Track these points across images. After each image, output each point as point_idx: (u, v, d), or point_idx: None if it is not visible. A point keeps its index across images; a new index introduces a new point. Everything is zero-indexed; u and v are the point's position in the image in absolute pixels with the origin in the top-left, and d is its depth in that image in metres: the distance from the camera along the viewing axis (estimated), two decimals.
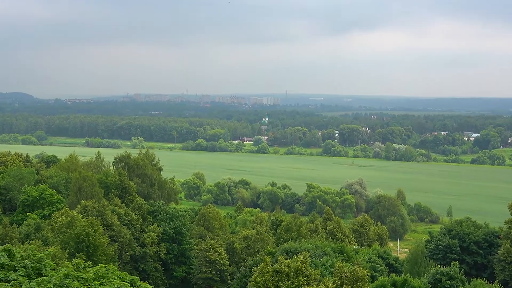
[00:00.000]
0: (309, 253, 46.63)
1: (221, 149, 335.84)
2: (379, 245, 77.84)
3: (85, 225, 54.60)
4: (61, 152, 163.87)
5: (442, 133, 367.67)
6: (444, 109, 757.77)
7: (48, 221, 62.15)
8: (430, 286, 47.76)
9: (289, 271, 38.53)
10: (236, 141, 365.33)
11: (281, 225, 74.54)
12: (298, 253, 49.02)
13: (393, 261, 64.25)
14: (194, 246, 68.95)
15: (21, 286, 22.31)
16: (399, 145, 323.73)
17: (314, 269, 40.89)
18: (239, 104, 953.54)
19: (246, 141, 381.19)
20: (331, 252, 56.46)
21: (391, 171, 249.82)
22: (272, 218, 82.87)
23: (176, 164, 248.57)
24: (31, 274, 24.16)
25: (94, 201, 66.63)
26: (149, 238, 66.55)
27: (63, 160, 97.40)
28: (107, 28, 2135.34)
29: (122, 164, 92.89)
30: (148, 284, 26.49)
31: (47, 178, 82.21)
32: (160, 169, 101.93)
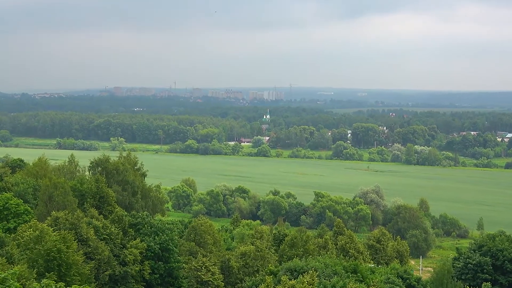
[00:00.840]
0: (317, 273, 46.62)
1: (215, 151, 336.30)
2: (399, 263, 77.74)
3: (56, 240, 54.48)
4: (29, 155, 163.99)
5: (472, 133, 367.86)
6: (474, 105, 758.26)
7: (13, 235, 62.11)
8: None
9: None
10: (233, 143, 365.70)
11: (284, 240, 74.54)
12: (304, 272, 48.96)
13: (414, 282, 64.13)
14: (184, 265, 68.83)
15: None
16: (422, 147, 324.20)
17: None
18: (235, 100, 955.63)
19: (244, 142, 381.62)
20: (343, 271, 56.36)
21: (413, 177, 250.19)
22: (274, 232, 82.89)
23: (162, 169, 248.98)
24: None
25: (66, 212, 66.58)
26: (130, 255, 66.42)
27: (31, 164, 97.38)
28: (82, 12, 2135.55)
29: (100, 169, 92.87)
30: None
31: (12, 186, 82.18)
32: (144, 175, 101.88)
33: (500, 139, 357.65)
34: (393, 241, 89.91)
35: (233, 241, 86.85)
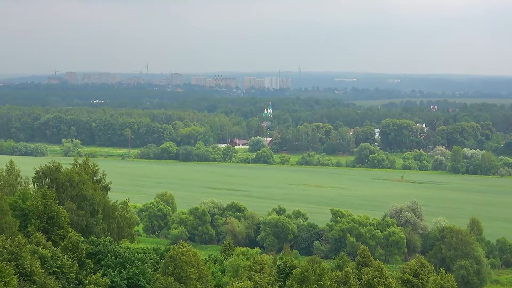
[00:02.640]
0: None
1: (200, 157, 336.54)
2: None
3: None
4: None
5: None
6: None
7: None
8: None
9: None
10: (223, 145, 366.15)
11: (292, 274, 74.50)
12: None
13: None
14: None
15: None
16: (473, 151, 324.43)
17: None
18: (227, 89, 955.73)
19: (238, 144, 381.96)
20: None
21: (461, 190, 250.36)
22: (278, 262, 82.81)
23: (131, 180, 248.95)
24: None
25: (4, 237, 66.47)
26: None
27: None
28: None
29: (48, 180, 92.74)
30: None
31: None
32: (107, 189, 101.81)
33: None
34: (435, 274, 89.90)
35: (224, 275, 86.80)
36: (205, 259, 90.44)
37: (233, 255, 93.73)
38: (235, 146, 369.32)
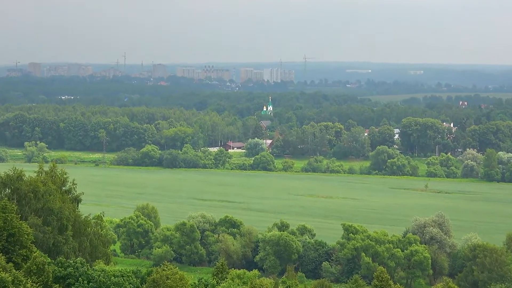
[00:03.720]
0: None
1: (188, 163, 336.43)
2: None
3: None
4: None
5: None
6: None
7: None
8: None
9: None
10: (215, 149, 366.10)
11: None
12: None
13: None
14: None
15: None
16: (510, 154, 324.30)
17: None
18: (220, 82, 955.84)
19: (233, 148, 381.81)
20: None
21: (496, 201, 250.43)
22: (281, 287, 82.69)
23: (106, 190, 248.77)
24: None
25: None
26: None
27: None
28: None
29: (8, 191, 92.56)
30: None
31: None
32: (78, 201, 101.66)
33: None
34: None
35: None
36: (194, 283, 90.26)
37: (227, 278, 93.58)
38: (229, 150, 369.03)
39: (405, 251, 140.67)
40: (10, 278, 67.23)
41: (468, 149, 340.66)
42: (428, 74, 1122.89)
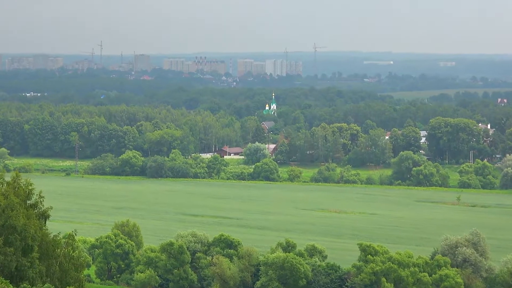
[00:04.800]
0: None
1: (176, 171, 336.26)
2: None
3: None
4: None
5: None
6: None
7: None
8: None
9: None
10: (209, 155, 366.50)
11: None
12: None
13: None
14: None
15: None
16: None
17: None
18: (214, 76, 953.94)
19: (229, 154, 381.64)
20: None
21: None
22: None
23: (79, 204, 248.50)
24: None
25: None
26: None
27: None
28: None
29: None
30: None
31: None
32: (45, 217, 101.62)
33: None
34: None
35: None
36: None
37: None
38: (225, 157, 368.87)
39: (434, 275, 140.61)
40: None
41: (508, 155, 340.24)
42: (461, 66, 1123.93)
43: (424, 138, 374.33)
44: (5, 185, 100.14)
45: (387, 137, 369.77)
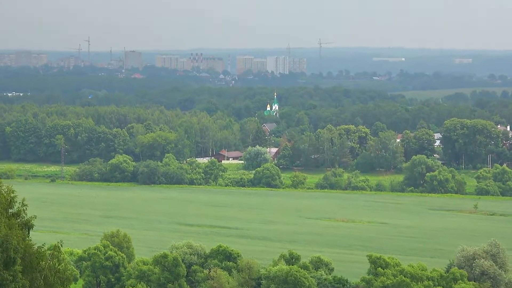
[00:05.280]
0: None
1: (171, 177, 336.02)
2: None
3: None
4: None
5: None
6: None
7: None
8: None
9: None
10: (206, 160, 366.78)
11: None
12: None
13: None
14: None
15: None
16: None
17: None
18: (211, 74, 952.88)
19: (228, 158, 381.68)
20: None
21: None
22: None
23: (65, 213, 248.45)
24: None
25: None
26: None
27: None
28: None
29: None
30: None
31: None
32: (29, 227, 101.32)
33: None
34: None
35: None
36: None
37: None
38: (223, 161, 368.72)
39: None
40: None
41: None
42: (479, 63, 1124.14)
43: (439, 141, 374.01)
44: None
45: (398, 140, 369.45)
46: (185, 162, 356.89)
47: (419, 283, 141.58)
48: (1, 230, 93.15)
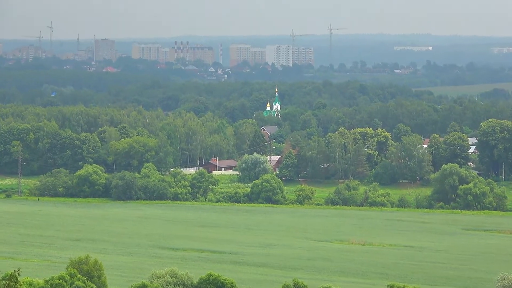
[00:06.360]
0: None
1: (151, 192, 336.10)
2: None
3: None
4: None
5: None
6: None
7: None
8: None
9: None
10: (193, 170, 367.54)
11: None
12: None
13: None
14: None
15: None
16: None
17: None
18: (199, 67, 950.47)
19: (220, 168, 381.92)
20: None
21: None
22: None
23: (23, 236, 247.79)
24: None
25: None
26: None
27: None
28: None
29: None
30: None
31: None
32: None
33: None
34: None
35: None
36: None
37: None
38: (214, 172, 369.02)
39: None
40: None
41: None
42: None
43: (474, 147, 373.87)
44: None
45: (425, 146, 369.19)
46: (168, 173, 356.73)
47: None
48: None
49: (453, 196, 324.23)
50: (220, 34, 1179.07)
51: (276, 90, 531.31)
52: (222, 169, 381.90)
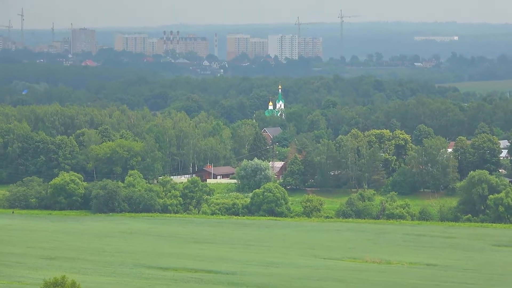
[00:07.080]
0: None
1: (136, 204, 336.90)
2: None
3: None
4: None
5: None
6: None
7: None
8: None
9: None
10: (185, 178, 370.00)
11: None
12: None
13: None
14: None
15: None
16: None
17: None
18: (191, 60, 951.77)
19: (215, 176, 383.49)
20: None
21: None
22: None
23: None
24: None
25: None
26: None
27: None
28: None
29: None
30: None
31: None
32: None
33: None
34: None
35: None
36: None
37: None
38: (209, 181, 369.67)
39: None
40: None
41: None
42: None
43: (506, 151, 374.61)
44: None
45: (450, 150, 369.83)
46: (156, 181, 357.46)
47: None
48: None
49: (482, 208, 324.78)
50: (215, 23, 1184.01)
51: (280, 87, 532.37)
52: (218, 177, 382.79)
